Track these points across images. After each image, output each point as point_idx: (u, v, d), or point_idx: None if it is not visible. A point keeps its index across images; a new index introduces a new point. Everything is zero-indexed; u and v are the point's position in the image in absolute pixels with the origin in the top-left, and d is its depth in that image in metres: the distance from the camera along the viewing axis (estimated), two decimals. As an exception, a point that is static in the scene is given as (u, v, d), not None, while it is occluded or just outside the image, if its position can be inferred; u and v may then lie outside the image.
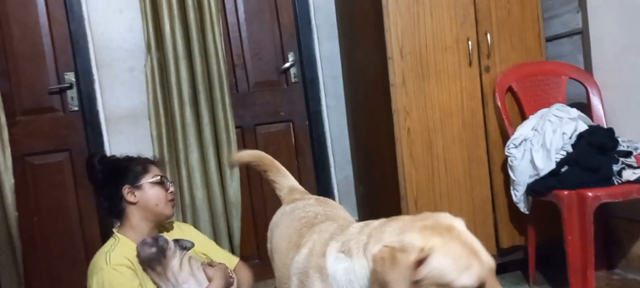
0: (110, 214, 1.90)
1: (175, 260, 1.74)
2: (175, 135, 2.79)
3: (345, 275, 1.11)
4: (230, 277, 1.87)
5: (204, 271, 1.81)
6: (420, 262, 0.97)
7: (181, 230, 2.02)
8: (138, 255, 1.72)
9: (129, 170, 1.89)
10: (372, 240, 1.10)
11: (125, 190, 1.84)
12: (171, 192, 1.93)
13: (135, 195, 1.85)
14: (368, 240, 1.11)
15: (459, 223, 1.08)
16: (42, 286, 2.79)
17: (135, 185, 1.86)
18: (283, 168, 1.96)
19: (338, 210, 1.59)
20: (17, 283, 2.66)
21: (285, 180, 1.91)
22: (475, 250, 1.01)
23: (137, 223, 1.84)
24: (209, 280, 1.79)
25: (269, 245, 1.74)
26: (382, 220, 1.18)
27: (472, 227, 2.60)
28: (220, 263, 1.89)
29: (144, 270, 1.74)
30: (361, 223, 1.23)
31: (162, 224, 1.97)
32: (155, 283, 1.76)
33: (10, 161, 2.59)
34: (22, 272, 2.67)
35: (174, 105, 2.76)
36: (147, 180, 1.87)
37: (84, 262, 2.84)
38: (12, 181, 2.61)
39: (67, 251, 2.82)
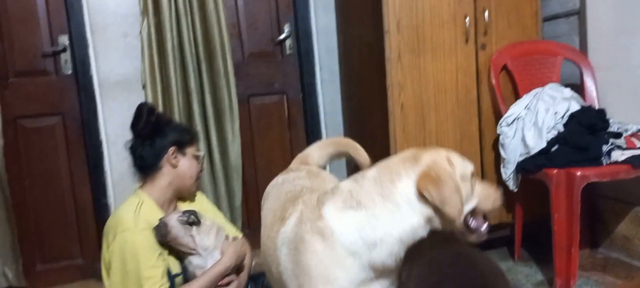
0: (141, 166, 1.85)
1: (196, 235, 1.75)
2: (171, 102, 2.77)
3: (360, 224, 1.16)
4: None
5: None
6: (454, 173, 1.17)
7: (200, 202, 2.02)
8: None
9: (180, 133, 1.89)
10: (388, 184, 1.17)
11: (172, 150, 1.83)
12: (201, 171, 1.96)
13: (177, 159, 1.84)
14: (381, 186, 1.17)
15: None
16: (32, 250, 2.79)
17: (181, 150, 1.86)
18: (332, 150, 1.89)
19: (327, 184, 1.57)
20: (10, 242, 2.68)
21: (315, 150, 1.85)
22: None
23: (164, 186, 1.83)
24: (222, 253, 1.80)
25: (262, 213, 1.75)
26: (371, 170, 1.25)
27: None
28: (236, 239, 1.89)
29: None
30: (348, 182, 1.27)
31: (184, 196, 1.97)
32: (179, 253, 1.79)
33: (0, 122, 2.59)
34: (16, 232, 2.68)
35: (170, 71, 2.75)
36: (191, 151, 1.89)
37: (74, 227, 2.85)
38: (1, 142, 2.60)
39: (58, 216, 2.83)
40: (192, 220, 1.76)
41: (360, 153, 1.82)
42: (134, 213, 1.72)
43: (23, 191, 2.76)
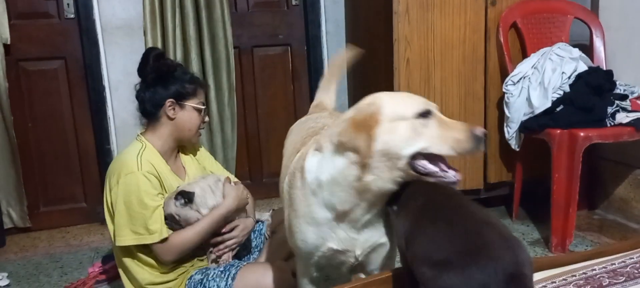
0: (143, 112, 1.83)
1: (192, 212, 1.74)
2: (168, 49, 2.74)
3: (316, 166, 1.26)
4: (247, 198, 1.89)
5: (224, 186, 1.83)
6: (377, 115, 1.15)
7: (200, 153, 2.01)
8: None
9: (180, 84, 1.80)
10: (335, 128, 1.24)
11: (169, 102, 1.79)
12: (205, 122, 1.88)
13: (175, 112, 1.80)
14: (333, 130, 1.25)
15: None
16: (35, 190, 2.83)
17: (180, 102, 1.79)
18: (334, 82, 1.93)
19: None
20: (15, 183, 2.71)
21: (323, 94, 1.90)
22: (419, 96, 1.19)
23: (165, 135, 1.82)
24: (224, 197, 1.80)
25: (284, 149, 1.78)
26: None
27: (462, 162, 2.67)
28: (237, 182, 1.89)
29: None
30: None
31: (185, 146, 1.95)
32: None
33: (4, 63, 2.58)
34: (21, 174, 2.71)
35: (167, 19, 2.71)
36: (192, 104, 1.81)
37: (77, 168, 2.88)
38: (5, 85, 2.59)
39: (60, 157, 2.85)
40: (186, 200, 1.73)
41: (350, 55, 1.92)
42: (138, 158, 1.73)
43: (26, 133, 2.77)
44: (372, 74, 2.79)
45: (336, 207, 1.23)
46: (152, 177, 1.72)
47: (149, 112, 1.81)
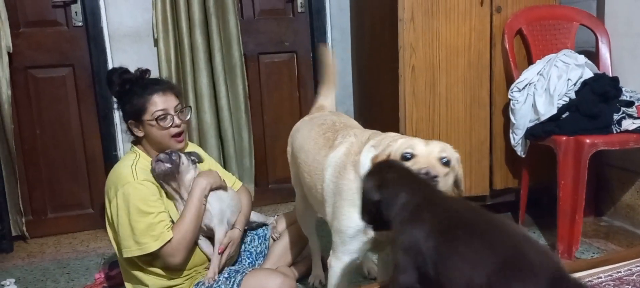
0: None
1: (189, 175, 1.81)
2: (183, 57, 2.77)
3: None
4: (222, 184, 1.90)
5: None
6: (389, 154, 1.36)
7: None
8: (152, 171, 1.76)
9: (129, 103, 1.80)
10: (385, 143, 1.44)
11: (131, 124, 1.82)
12: (176, 126, 1.82)
13: (139, 129, 1.82)
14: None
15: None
16: (42, 197, 2.85)
17: (138, 120, 1.80)
18: (332, 88, 2.05)
19: (350, 121, 1.83)
20: (16, 190, 2.73)
21: (323, 99, 2.03)
22: (426, 142, 1.34)
23: (149, 148, 1.85)
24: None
25: (289, 149, 1.90)
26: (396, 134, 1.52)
27: (468, 167, 2.68)
28: (211, 170, 1.92)
29: (160, 184, 1.79)
30: (399, 135, 1.54)
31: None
32: (169, 197, 1.82)
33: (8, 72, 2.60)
34: (18, 183, 2.73)
35: (182, 26, 2.73)
36: (146, 118, 1.79)
37: (84, 175, 2.90)
38: (9, 93, 2.61)
39: (68, 164, 2.87)
40: (195, 159, 1.85)
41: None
42: (132, 168, 1.75)
43: (34, 139, 2.80)
44: (377, 81, 2.80)
45: None
46: (149, 184, 1.74)
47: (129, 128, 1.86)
